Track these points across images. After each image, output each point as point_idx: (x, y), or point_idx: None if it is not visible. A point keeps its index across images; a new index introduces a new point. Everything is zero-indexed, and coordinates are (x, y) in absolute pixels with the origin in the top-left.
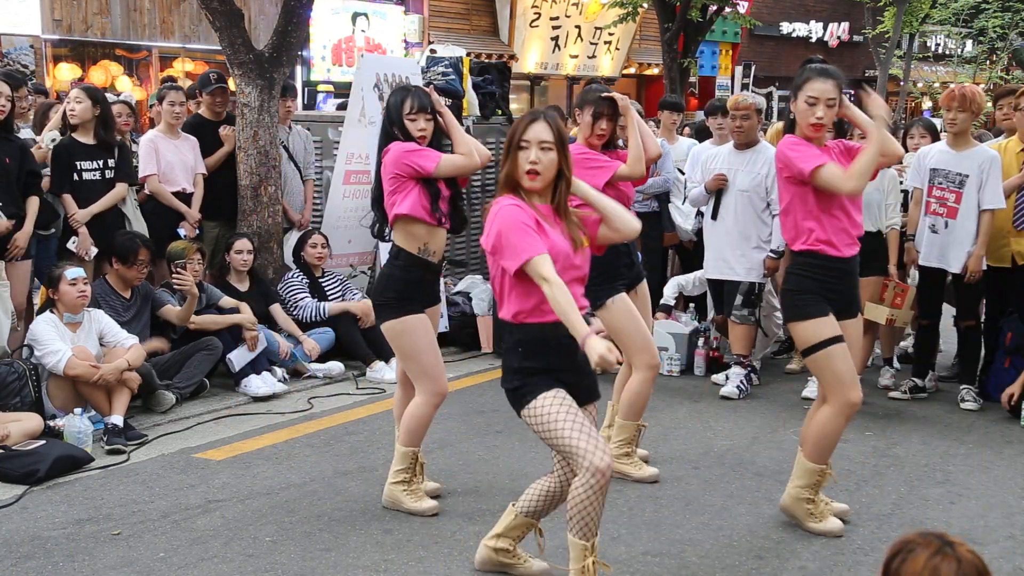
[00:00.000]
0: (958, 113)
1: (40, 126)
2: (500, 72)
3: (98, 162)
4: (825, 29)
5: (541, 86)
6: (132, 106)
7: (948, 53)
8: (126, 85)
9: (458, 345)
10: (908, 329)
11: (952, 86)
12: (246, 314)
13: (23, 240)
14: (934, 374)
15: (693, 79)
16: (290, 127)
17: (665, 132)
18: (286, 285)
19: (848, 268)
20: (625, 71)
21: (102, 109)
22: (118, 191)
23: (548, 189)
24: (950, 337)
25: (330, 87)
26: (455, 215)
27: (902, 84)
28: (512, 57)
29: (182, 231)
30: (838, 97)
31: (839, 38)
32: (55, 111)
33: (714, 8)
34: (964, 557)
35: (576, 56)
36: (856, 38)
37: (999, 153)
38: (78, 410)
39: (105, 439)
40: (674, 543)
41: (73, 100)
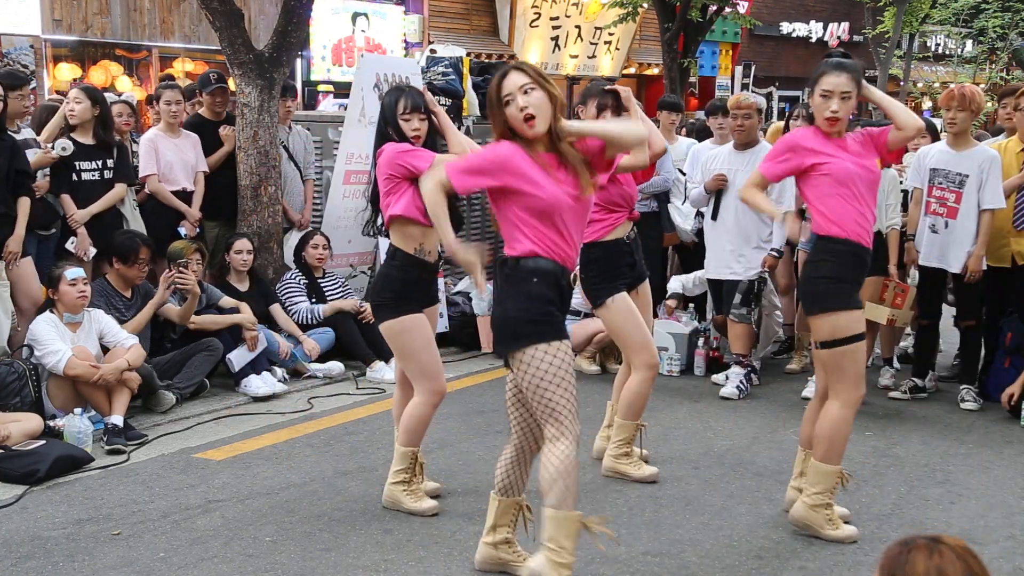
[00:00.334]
0: (957, 113)
1: (40, 126)
2: None
3: (97, 162)
4: (825, 29)
5: None
6: (133, 106)
7: (948, 53)
8: (126, 85)
9: (458, 345)
10: (908, 329)
11: (952, 86)
12: (246, 314)
13: (15, 245)
14: (934, 374)
15: (693, 79)
16: (290, 127)
17: (664, 132)
18: (283, 286)
19: (868, 260)
20: (625, 71)
21: (101, 109)
22: (117, 191)
23: (547, 135)
24: (950, 337)
25: (330, 87)
26: (452, 215)
27: (902, 84)
28: (512, 57)
29: (182, 230)
30: (854, 90)
31: (839, 38)
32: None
33: (714, 8)
34: (956, 547)
35: (576, 56)
36: (856, 38)
37: (999, 153)
38: (78, 410)
39: (105, 439)
40: (674, 543)
41: (73, 101)
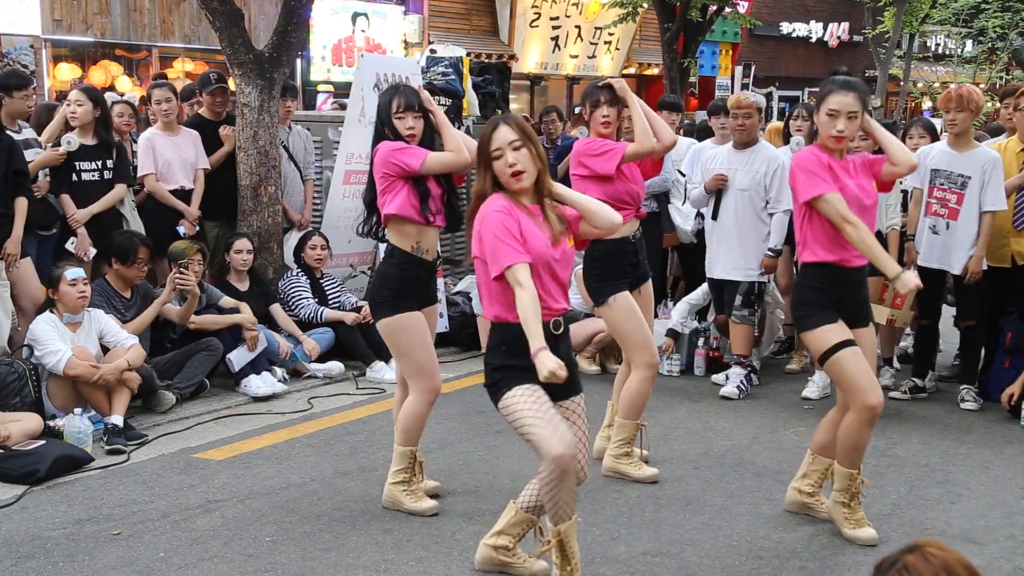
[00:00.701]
0: (957, 113)
1: (40, 127)
2: (500, 72)
3: (97, 162)
4: (825, 29)
5: (541, 86)
6: (134, 106)
7: (948, 53)
8: (126, 85)
9: (458, 345)
10: (908, 329)
11: (951, 87)
12: (246, 314)
13: (13, 247)
14: (934, 374)
15: (693, 79)
16: (290, 127)
17: None
18: (288, 284)
19: (856, 278)
20: (625, 71)
21: (102, 110)
22: (117, 192)
23: (533, 187)
24: (950, 337)
25: (330, 87)
26: (450, 213)
27: (902, 84)
28: (512, 57)
29: (182, 229)
30: (860, 110)
31: (839, 38)
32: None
33: (714, 8)
34: (935, 554)
35: (576, 56)
36: (856, 38)
37: (999, 153)
38: (78, 410)
39: (105, 439)
40: (674, 543)
41: (74, 103)
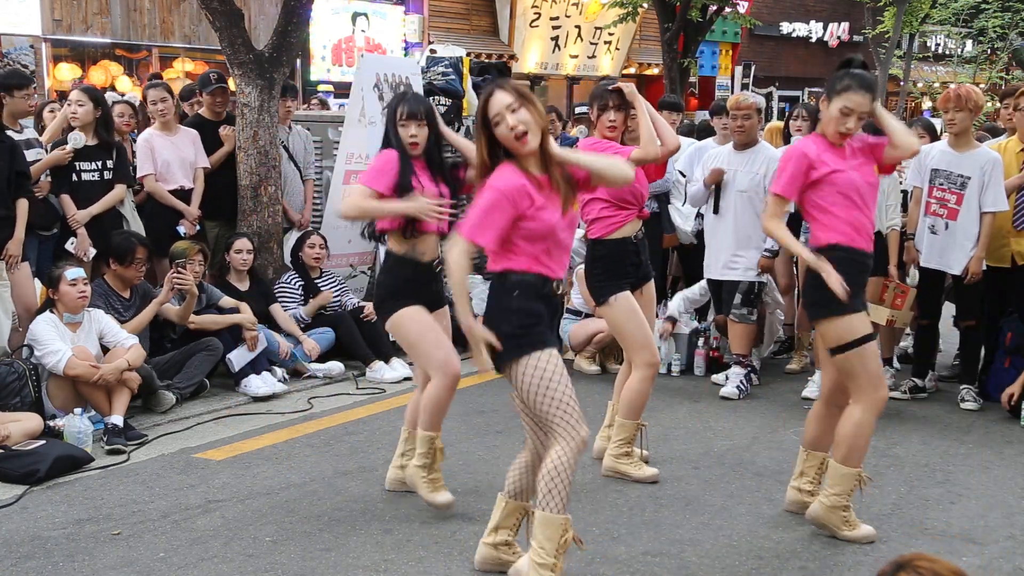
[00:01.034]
0: (956, 113)
1: (39, 128)
2: (500, 72)
3: (97, 163)
4: (825, 29)
5: (541, 86)
6: (134, 106)
7: (948, 53)
8: (126, 85)
9: (458, 345)
10: (908, 329)
11: (951, 87)
12: (246, 314)
13: (15, 248)
14: (934, 374)
15: (693, 79)
16: (290, 127)
17: None
18: (278, 287)
19: (869, 264)
20: (625, 71)
21: (103, 110)
22: (117, 192)
23: (538, 151)
24: (950, 337)
25: (330, 87)
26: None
27: (902, 84)
28: (512, 57)
29: (181, 229)
30: (870, 109)
31: (839, 38)
32: (49, 109)
33: (714, 8)
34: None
35: (576, 56)
36: (856, 38)
37: (999, 153)
38: (78, 410)
39: (105, 439)
40: (674, 543)
41: (75, 103)
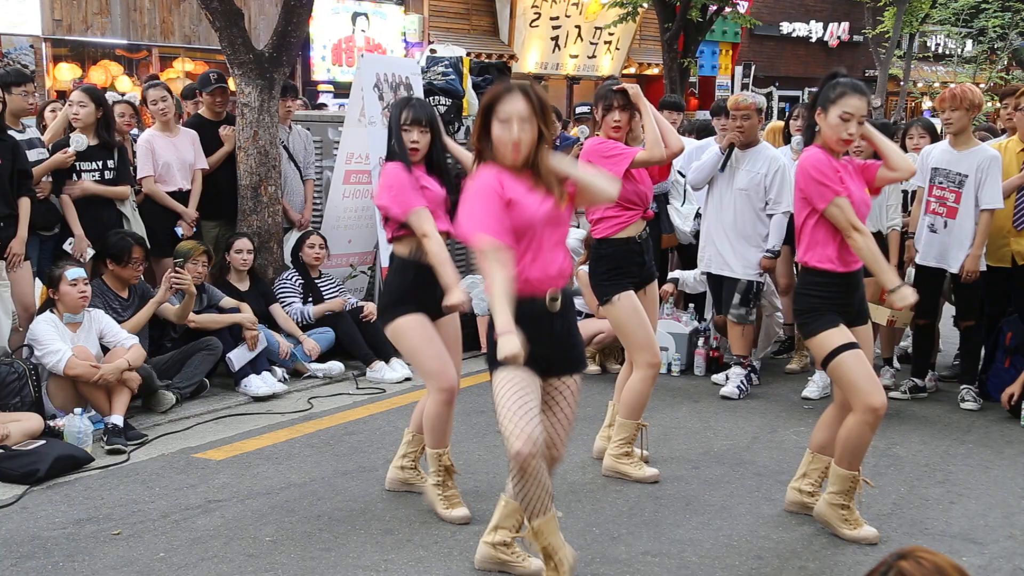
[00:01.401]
0: (952, 112)
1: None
2: (500, 72)
3: (97, 163)
4: (825, 29)
5: (541, 86)
6: (135, 106)
7: (948, 53)
8: (126, 85)
9: (467, 349)
10: (908, 329)
11: (950, 87)
12: (246, 314)
13: (19, 247)
14: (934, 374)
15: (693, 79)
16: (290, 127)
17: None
18: (279, 286)
19: (854, 280)
20: (625, 71)
21: (104, 111)
22: (123, 188)
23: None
24: (950, 337)
25: (330, 87)
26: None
27: (902, 84)
28: (512, 57)
29: (179, 230)
30: (867, 114)
31: (839, 38)
32: (50, 109)
33: (714, 8)
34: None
35: (576, 56)
36: (856, 38)
37: (999, 152)
38: (78, 410)
39: (105, 439)
40: (674, 543)
41: (77, 104)
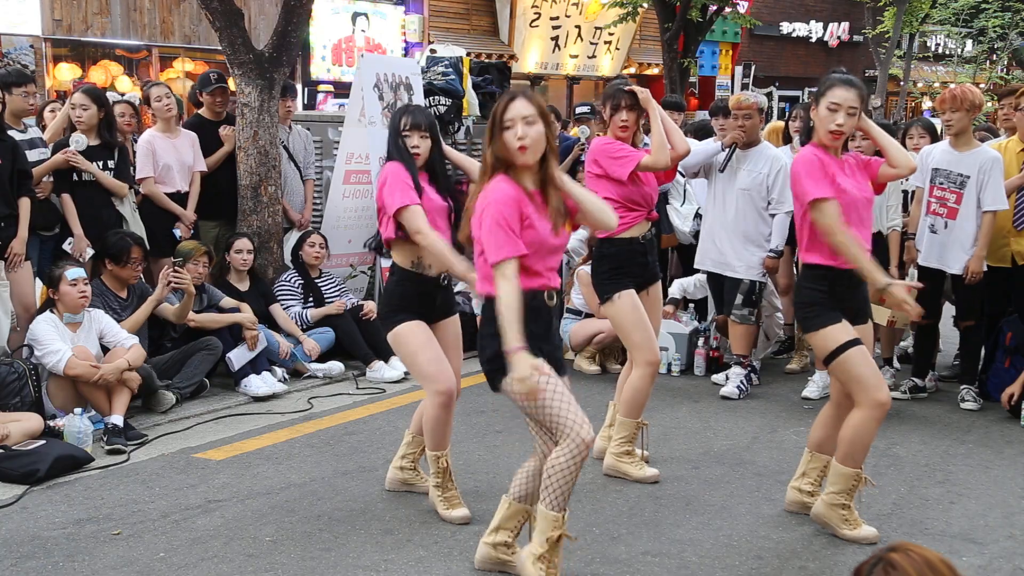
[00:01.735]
0: (952, 113)
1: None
2: (500, 72)
3: (98, 163)
4: (825, 29)
5: (541, 86)
6: (135, 106)
7: (948, 53)
8: (126, 85)
9: (469, 351)
10: (908, 329)
11: (950, 87)
12: (246, 314)
13: (19, 247)
14: (934, 374)
15: (693, 79)
16: (290, 127)
17: None
18: (278, 287)
19: (855, 277)
20: (625, 71)
21: (106, 111)
22: (122, 185)
23: (537, 167)
24: (950, 337)
25: (330, 87)
26: (454, 232)
27: (902, 84)
28: (512, 57)
29: (178, 231)
30: (859, 108)
31: (839, 38)
32: (50, 109)
33: (714, 8)
34: (914, 552)
35: (576, 56)
36: (856, 38)
37: (1000, 153)
38: (78, 410)
39: (105, 439)
40: (674, 543)
41: (79, 107)
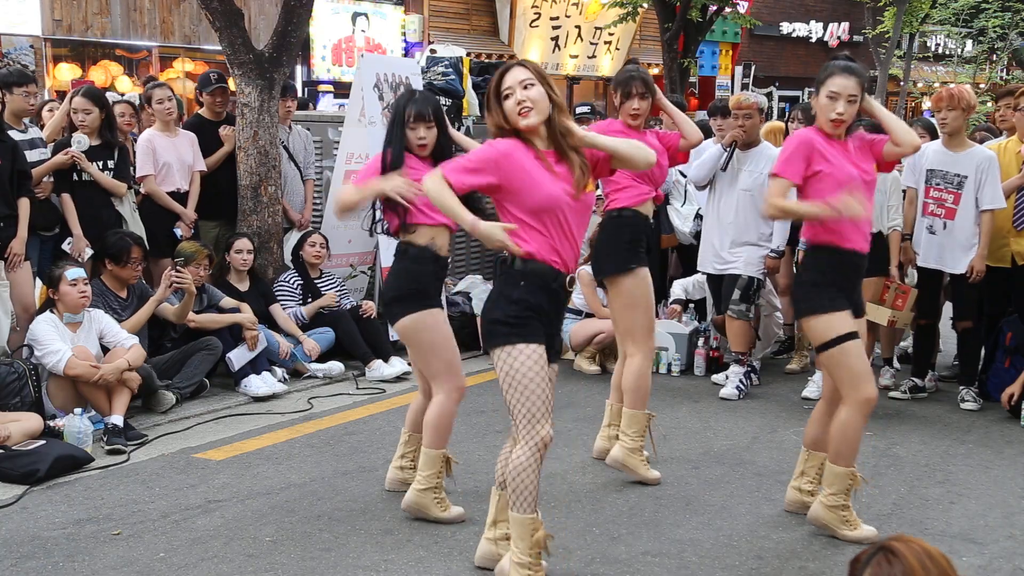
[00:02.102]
0: (948, 112)
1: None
2: None
3: (98, 163)
4: (825, 29)
5: None
6: (135, 106)
7: (948, 53)
8: (126, 85)
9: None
10: (908, 329)
11: (946, 87)
12: (246, 314)
13: (19, 247)
14: (934, 374)
15: (693, 79)
16: (290, 127)
17: None
18: (277, 288)
19: (861, 264)
20: None
21: (107, 112)
22: (120, 185)
23: (546, 129)
24: (950, 337)
25: (330, 87)
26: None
27: (902, 84)
28: (512, 57)
29: (178, 231)
30: (860, 94)
31: (839, 38)
32: (48, 108)
33: (714, 8)
34: (910, 549)
35: (576, 56)
36: (856, 38)
37: (998, 153)
38: (78, 410)
39: (105, 439)
40: (674, 543)
41: (81, 111)
